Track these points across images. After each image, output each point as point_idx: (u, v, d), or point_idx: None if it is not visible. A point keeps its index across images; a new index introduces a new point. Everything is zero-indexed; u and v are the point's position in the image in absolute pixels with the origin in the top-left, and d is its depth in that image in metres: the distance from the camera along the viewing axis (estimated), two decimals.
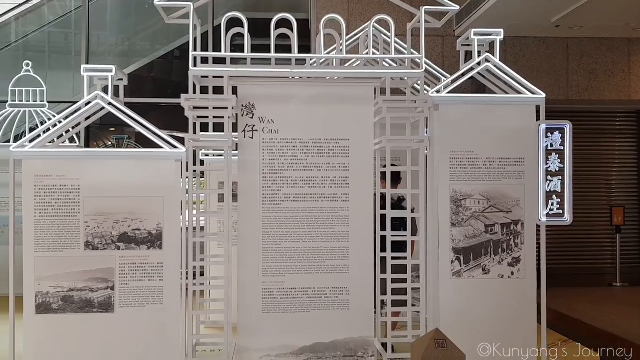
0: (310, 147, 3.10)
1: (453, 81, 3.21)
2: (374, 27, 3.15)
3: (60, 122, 3.05)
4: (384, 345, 3.10)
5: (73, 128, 3.24)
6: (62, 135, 3.26)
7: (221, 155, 3.75)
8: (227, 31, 3.04)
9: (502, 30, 3.20)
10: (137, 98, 4.01)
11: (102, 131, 7.16)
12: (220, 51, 3.04)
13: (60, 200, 2.95)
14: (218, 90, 3.12)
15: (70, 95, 6.63)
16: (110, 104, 3.04)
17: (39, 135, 2.98)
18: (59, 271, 2.94)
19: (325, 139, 3.11)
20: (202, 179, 4.01)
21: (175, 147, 3.05)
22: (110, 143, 6.97)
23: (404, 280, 3.08)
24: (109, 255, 2.97)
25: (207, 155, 3.95)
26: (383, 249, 3.09)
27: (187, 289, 2.97)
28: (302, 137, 3.10)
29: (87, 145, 6.30)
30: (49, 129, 3.06)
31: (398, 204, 3.53)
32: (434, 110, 3.10)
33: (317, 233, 3.07)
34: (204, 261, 3.41)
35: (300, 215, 3.07)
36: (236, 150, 3.16)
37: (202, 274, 3.28)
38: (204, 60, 3.07)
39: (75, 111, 3.03)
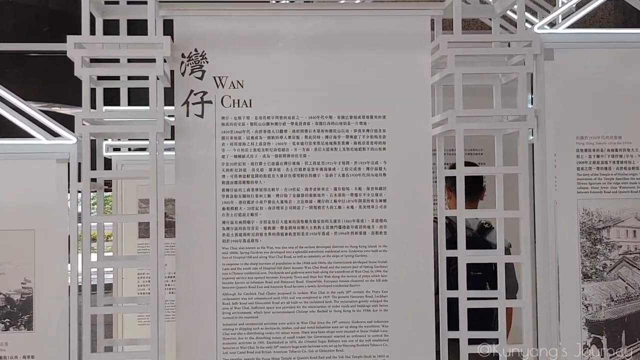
0: (313, 134, 2.14)
1: (579, 5, 2.24)
2: None
3: None
4: None
5: None
6: None
7: (144, 150, 2.73)
8: None
9: None
10: None
11: None
12: None
13: None
14: (138, 27, 2.18)
15: None
16: None
17: None
18: None
19: (340, 118, 2.14)
20: (109, 193, 2.93)
21: (56, 134, 2.10)
22: None
23: None
24: None
25: (116, 150, 2.88)
26: (452, 325, 2.12)
27: None
28: (296, 115, 2.14)
29: None
30: None
31: (481, 236, 2.52)
32: (544, 61, 2.14)
33: (327, 296, 2.11)
34: (108, 352, 2.38)
35: (295, 263, 2.11)
36: (171, 139, 2.20)
37: None
38: None
39: None
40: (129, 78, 2.25)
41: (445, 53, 2.10)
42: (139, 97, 2.39)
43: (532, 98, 2.21)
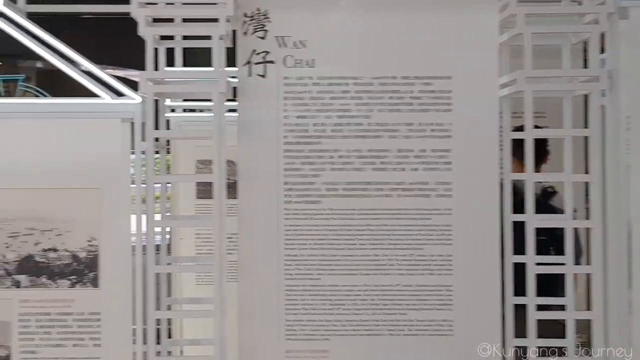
0: (377, 94, 2.11)
1: None
2: None
3: None
4: None
5: None
6: None
7: (204, 111, 2.74)
8: None
9: None
10: (49, 5, 2.84)
11: None
12: None
13: None
14: None
15: None
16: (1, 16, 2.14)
17: None
18: None
19: (404, 79, 2.11)
20: (168, 155, 2.95)
21: (121, 94, 2.12)
22: None
23: (562, 353, 2.07)
24: (0, 298, 2.09)
25: (173, 111, 2.91)
26: (519, 290, 2.08)
27: None
28: (359, 75, 2.11)
29: None
30: None
31: (544, 201, 2.46)
32: (618, 19, 2.07)
33: (390, 259, 2.09)
34: (172, 310, 2.41)
35: (357, 225, 2.09)
36: (232, 100, 2.20)
37: (169, 336, 2.36)
38: None
39: None
40: (190, 38, 2.25)
41: (514, 11, 2.04)
42: (191, 59, 2.39)
43: (604, 59, 2.14)
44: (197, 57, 2.63)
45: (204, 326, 2.41)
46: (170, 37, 2.24)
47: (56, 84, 2.42)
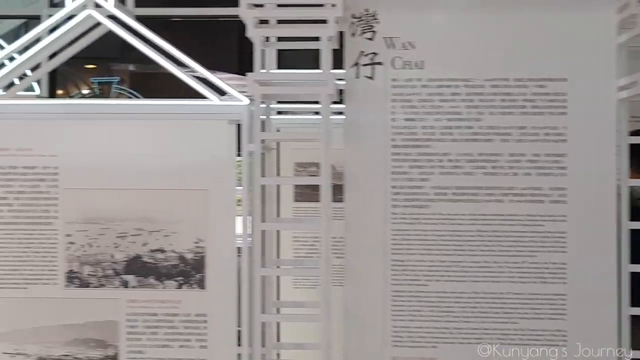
0: (488, 97, 2.05)
1: None
2: None
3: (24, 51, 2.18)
4: None
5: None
6: (22, 76, 2.39)
7: (305, 114, 2.73)
8: None
9: None
10: (158, 8, 2.78)
11: (74, 69, 5.86)
12: None
13: (22, 194, 2.10)
14: None
15: (19, 4, 5.18)
16: (112, 18, 2.15)
17: None
18: (21, 325, 2.11)
19: (517, 81, 2.05)
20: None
21: (226, 94, 2.11)
22: (88, 91, 5.67)
23: None
24: (109, 298, 2.10)
25: (278, 113, 2.90)
26: (636, 300, 2.00)
27: None
28: (470, 77, 2.06)
29: (51, 95, 4.57)
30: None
31: None
32: None
33: (501, 266, 2.04)
34: (278, 314, 2.38)
35: (467, 231, 2.04)
36: (338, 103, 2.18)
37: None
38: None
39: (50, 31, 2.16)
40: (295, 39, 2.23)
41: (635, 11, 1.97)
42: (300, 60, 2.37)
43: None
44: (285, 59, 2.62)
45: (298, 330, 2.41)
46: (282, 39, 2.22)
47: (147, 86, 2.43)
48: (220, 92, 2.17)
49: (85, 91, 6.12)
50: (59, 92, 5.60)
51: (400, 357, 2.08)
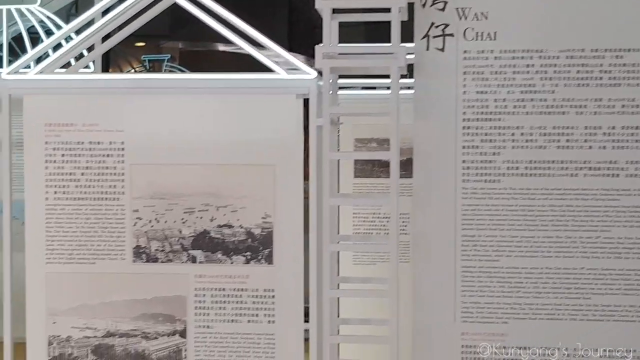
0: (563, 68, 1.99)
1: None
2: None
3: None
4: None
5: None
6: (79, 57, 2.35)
7: (370, 89, 2.69)
8: None
9: None
10: None
11: (123, 47, 5.88)
12: None
13: (90, 170, 2.11)
14: None
15: None
16: None
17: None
18: (89, 300, 2.12)
19: (593, 51, 1.99)
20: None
21: (295, 68, 2.08)
22: (137, 68, 5.67)
23: None
24: (176, 273, 2.11)
25: (341, 88, 2.86)
26: None
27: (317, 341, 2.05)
28: (544, 48, 2.00)
29: (105, 71, 4.58)
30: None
31: None
32: None
33: (574, 241, 2.00)
34: (347, 289, 2.36)
35: (539, 206, 2.00)
36: (407, 77, 2.14)
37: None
38: None
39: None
40: (363, 10, 2.18)
41: None
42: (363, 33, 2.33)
43: None
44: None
45: (356, 306, 2.40)
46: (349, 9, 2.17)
47: (197, 64, 2.40)
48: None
49: (134, 68, 6.10)
50: (111, 69, 5.61)
51: (470, 332, 2.06)
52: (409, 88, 2.18)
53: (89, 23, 2.26)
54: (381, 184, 2.62)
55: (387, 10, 1.99)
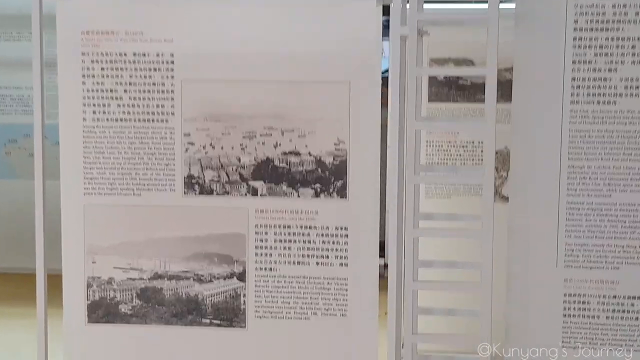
0: None
1: None
2: None
3: None
4: None
5: None
6: None
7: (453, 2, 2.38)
8: None
9: None
10: None
11: None
12: None
13: (133, 87, 1.83)
14: None
15: None
16: None
17: None
18: (134, 237, 1.86)
19: None
20: None
21: None
22: None
23: None
24: (234, 207, 1.84)
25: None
26: None
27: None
28: None
29: None
30: None
31: None
32: None
33: None
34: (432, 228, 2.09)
35: None
36: None
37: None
38: None
39: None
40: None
41: None
42: None
43: None
44: None
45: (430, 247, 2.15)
46: None
47: None
48: None
49: None
50: None
51: (574, 279, 1.79)
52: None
53: None
54: (458, 109, 2.36)
55: None
